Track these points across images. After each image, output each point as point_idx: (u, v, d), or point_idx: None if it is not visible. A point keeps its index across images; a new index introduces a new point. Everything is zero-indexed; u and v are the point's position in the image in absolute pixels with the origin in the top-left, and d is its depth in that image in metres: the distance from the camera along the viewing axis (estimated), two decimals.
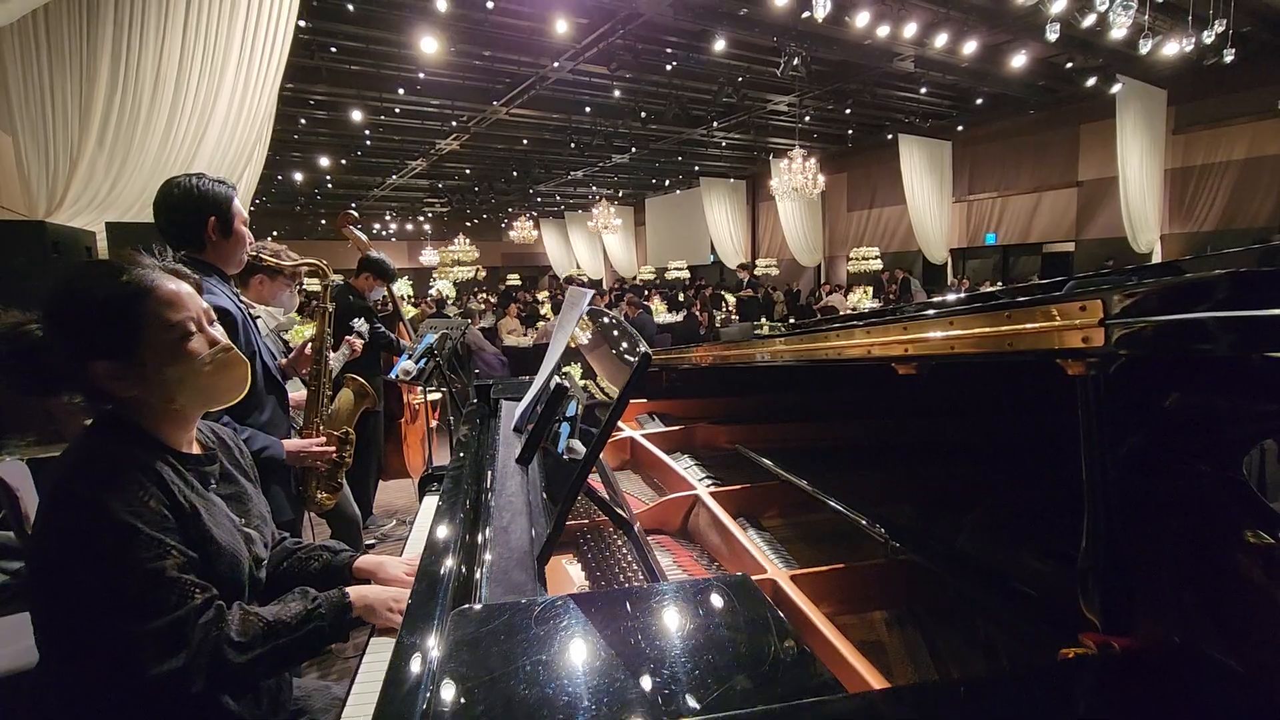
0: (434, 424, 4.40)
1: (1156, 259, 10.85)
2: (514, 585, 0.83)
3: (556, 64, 8.77)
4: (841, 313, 10.96)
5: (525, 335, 7.74)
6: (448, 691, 0.58)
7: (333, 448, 1.92)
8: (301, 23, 7.02)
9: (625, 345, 1.10)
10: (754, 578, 0.96)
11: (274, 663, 1.03)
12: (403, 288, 19.63)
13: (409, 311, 10.91)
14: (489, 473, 1.23)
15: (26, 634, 2.03)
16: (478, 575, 0.87)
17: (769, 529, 1.38)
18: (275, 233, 21.49)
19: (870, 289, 13.34)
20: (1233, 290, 0.50)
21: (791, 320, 11.14)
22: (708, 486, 1.49)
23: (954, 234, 13.91)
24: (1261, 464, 0.71)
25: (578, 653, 0.64)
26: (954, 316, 0.77)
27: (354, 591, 1.15)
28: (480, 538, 0.97)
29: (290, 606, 1.08)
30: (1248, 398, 0.61)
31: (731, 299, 14.39)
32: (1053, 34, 5.92)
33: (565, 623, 0.67)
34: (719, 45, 8.27)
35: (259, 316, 1.93)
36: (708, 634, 0.67)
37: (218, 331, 1.11)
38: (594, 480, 1.28)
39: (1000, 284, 12.60)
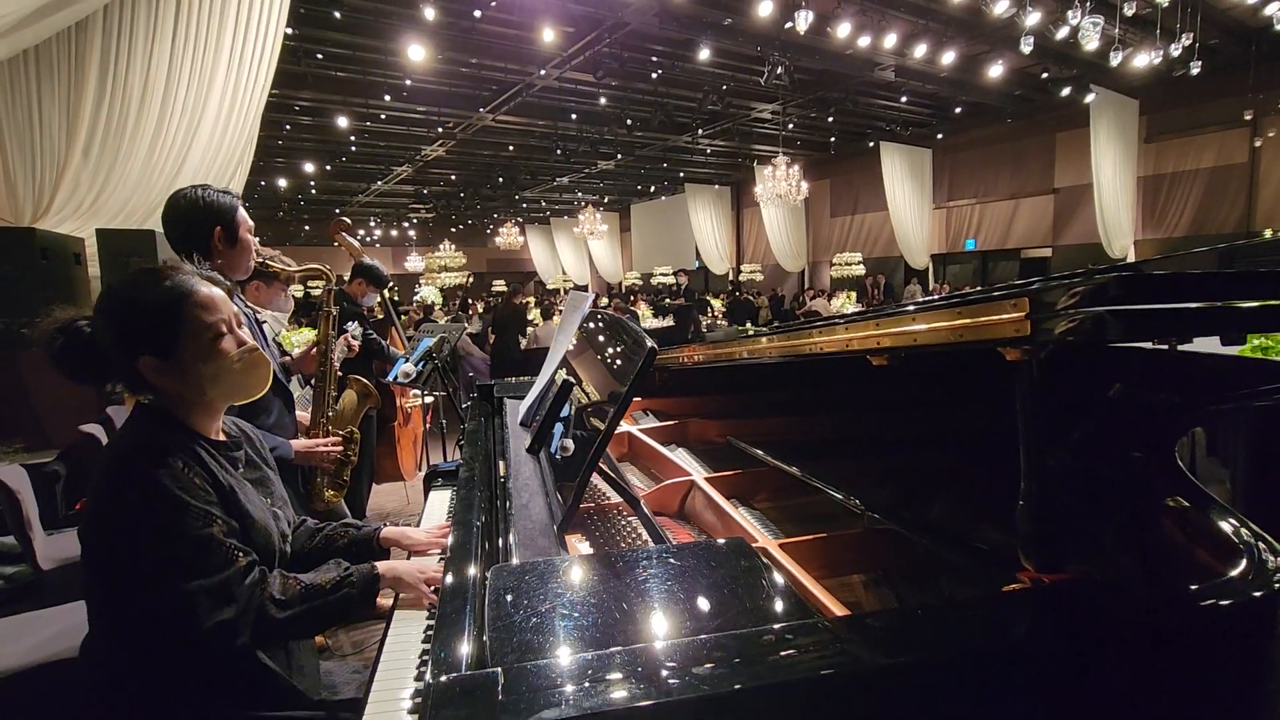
0: (426, 426, 4.44)
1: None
2: (540, 550, 0.94)
3: (543, 72, 8.86)
4: (825, 318, 11.13)
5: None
6: (496, 625, 0.68)
7: (339, 446, 1.98)
8: (288, 30, 7.01)
9: (630, 341, 1.19)
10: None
11: (310, 621, 1.14)
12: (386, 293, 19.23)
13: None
14: (502, 461, 1.32)
15: (20, 635, 2.06)
16: (508, 541, 0.96)
17: (759, 509, 1.48)
18: (258, 238, 21.33)
19: (854, 294, 13.54)
20: (1143, 289, 0.59)
21: (775, 324, 11.28)
22: (702, 473, 1.59)
23: (935, 240, 14.17)
24: (1192, 451, 0.81)
25: (601, 593, 0.75)
26: (917, 313, 0.88)
27: (383, 565, 1.24)
28: (504, 514, 1.06)
29: (325, 574, 1.19)
30: (1175, 391, 0.71)
31: (717, 304, 14.51)
32: (1027, 46, 6.12)
33: (590, 572, 0.77)
34: (704, 54, 8.41)
35: (265, 322, 1.99)
36: (710, 578, 0.77)
37: (245, 334, 1.22)
38: (602, 465, 1.37)
39: (980, 288, 12.81)
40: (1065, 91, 9.88)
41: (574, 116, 11.30)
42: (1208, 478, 0.97)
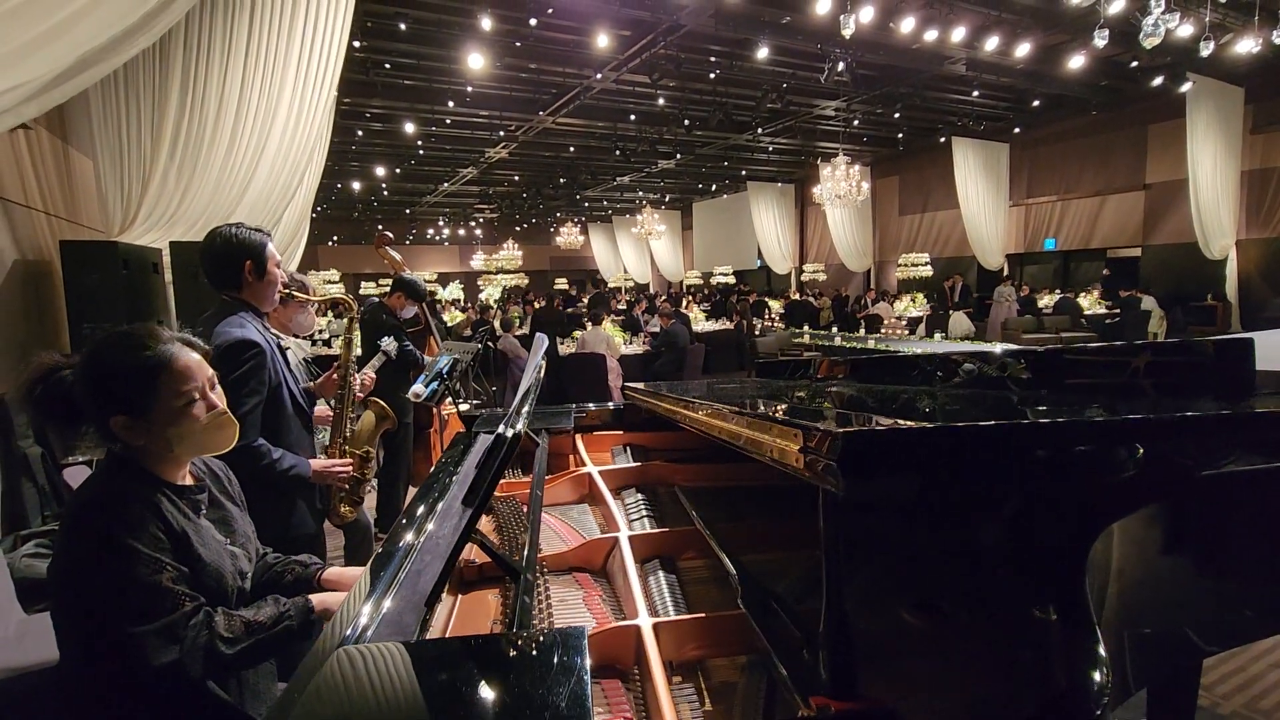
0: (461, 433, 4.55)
1: (1231, 265, 10.25)
2: (402, 627, 0.95)
3: (600, 75, 8.91)
4: (886, 323, 10.73)
5: (562, 344, 7.90)
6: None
7: (351, 466, 2.07)
8: (356, 42, 7.34)
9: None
10: (624, 622, 1.14)
11: (255, 655, 1.22)
12: (454, 290, 19.87)
13: (457, 317, 11.27)
14: (436, 510, 1.33)
15: None
16: (380, 613, 0.98)
17: (682, 570, 1.44)
18: (336, 237, 22.45)
19: (920, 295, 13.00)
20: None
21: (835, 328, 10.95)
22: (634, 528, 1.60)
23: (1010, 239, 13.44)
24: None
25: (410, 692, 0.77)
26: (754, 420, 0.86)
27: (317, 598, 1.33)
28: (398, 578, 1.08)
29: (264, 610, 1.27)
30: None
31: (776, 305, 14.25)
32: (1101, 39, 5.67)
33: (410, 672, 0.80)
34: (762, 53, 8.25)
35: (288, 348, 2.09)
36: (517, 685, 0.77)
37: (217, 396, 1.29)
38: (484, 527, 1.35)
39: (1059, 291, 12.09)
40: (1157, 81, 9.15)
41: (633, 117, 11.33)
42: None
